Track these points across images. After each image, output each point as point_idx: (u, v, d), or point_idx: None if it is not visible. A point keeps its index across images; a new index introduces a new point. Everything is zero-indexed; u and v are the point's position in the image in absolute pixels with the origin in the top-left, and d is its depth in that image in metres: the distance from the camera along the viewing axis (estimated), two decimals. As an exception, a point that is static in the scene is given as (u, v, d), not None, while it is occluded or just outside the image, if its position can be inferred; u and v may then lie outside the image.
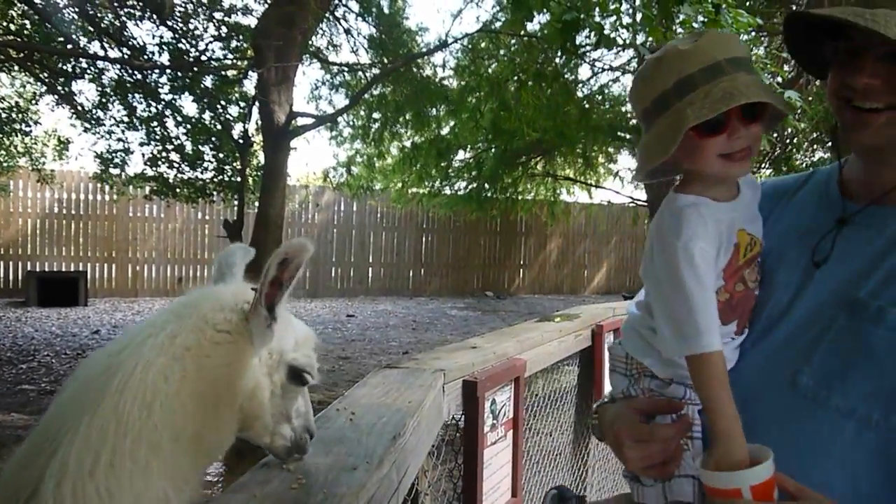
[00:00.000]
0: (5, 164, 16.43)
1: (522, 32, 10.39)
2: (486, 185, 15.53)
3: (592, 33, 8.75)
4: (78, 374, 1.51)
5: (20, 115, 14.16)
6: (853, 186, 1.58)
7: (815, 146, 11.85)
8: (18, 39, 12.24)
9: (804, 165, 11.60)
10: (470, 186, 16.18)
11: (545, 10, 8.55)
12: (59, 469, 1.29)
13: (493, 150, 14.48)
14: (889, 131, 1.40)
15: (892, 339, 1.33)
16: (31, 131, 15.14)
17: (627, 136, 14.55)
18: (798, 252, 1.59)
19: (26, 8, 12.22)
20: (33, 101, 15.40)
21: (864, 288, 1.41)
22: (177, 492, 1.42)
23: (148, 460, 1.36)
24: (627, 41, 11.44)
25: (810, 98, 9.62)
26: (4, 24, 13.05)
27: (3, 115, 13.73)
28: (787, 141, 9.33)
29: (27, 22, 12.94)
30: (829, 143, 10.43)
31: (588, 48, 10.31)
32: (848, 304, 1.42)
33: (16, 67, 14.00)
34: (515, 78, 12.56)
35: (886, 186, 1.48)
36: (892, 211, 1.47)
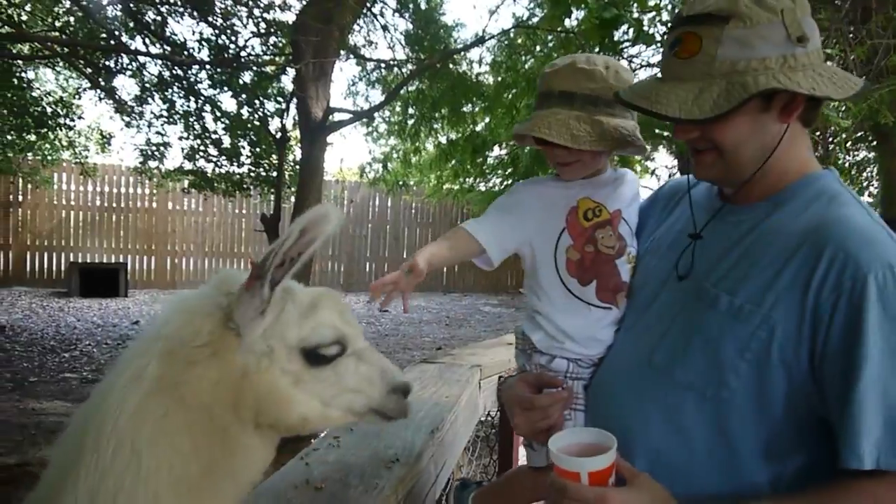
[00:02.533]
0: (50, 158, 16.78)
1: (560, 28, 10.30)
2: (521, 182, 15.47)
3: (631, 29, 8.67)
4: (69, 424, 1.40)
5: (64, 110, 14.43)
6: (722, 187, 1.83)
7: (858, 145, 11.56)
8: (63, 36, 12.47)
9: (848, 166, 11.33)
10: (505, 183, 16.11)
11: (583, 6, 8.49)
12: None
13: (528, 146, 14.41)
14: (718, 168, 1.67)
15: (723, 320, 1.57)
16: (74, 125, 15.43)
17: (665, 134, 14.36)
18: (677, 244, 1.84)
19: (70, 5, 12.47)
20: (77, 96, 15.71)
21: (710, 277, 1.66)
22: None
23: None
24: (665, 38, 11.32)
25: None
26: (50, 20, 13.33)
27: (49, 110, 14.00)
28: (831, 140, 9.13)
29: (71, 18, 13.20)
30: (874, 142, 10.19)
31: (626, 44, 10.19)
32: (696, 291, 1.67)
33: (60, 63, 14.29)
34: (552, 74, 12.48)
35: (741, 188, 1.73)
36: (748, 209, 1.71)
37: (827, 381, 1.46)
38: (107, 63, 13.11)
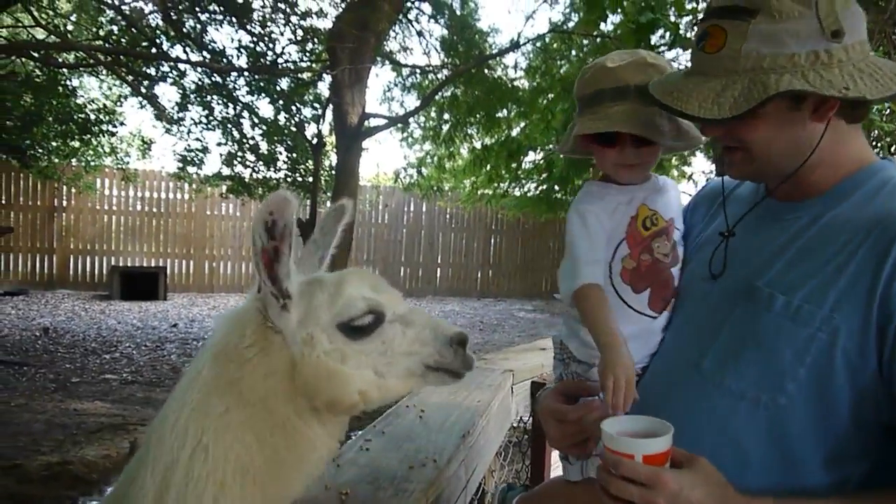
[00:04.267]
0: (93, 164, 17.17)
1: (595, 33, 10.27)
2: (556, 187, 15.37)
3: (668, 33, 8.58)
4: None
5: (107, 117, 14.77)
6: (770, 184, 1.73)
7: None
8: (106, 44, 12.78)
9: None
10: (540, 188, 16.06)
11: (619, 11, 8.43)
12: None
13: (568, 154, 14.32)
14: (748, 166, 1.60)
15: (779, 323, 1.47)
16: (116, 132, 15.78)
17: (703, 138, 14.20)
18: (710, 243, 1.77)
19: (114, 14, 12.76)
20: (119, 103, 16.05)
21: (763, 277, 1.56)
22: None
23: (216, 499, 1.34)
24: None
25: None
26: (94, 29, 13.66)
27: (92, 117, 14.34)
28: (874, 144, 8.94)
29: (114, 27, 13.52)
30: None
31: (663, 48, 10.11)
32: (748, 292, 1.57)
33: (103, 71, 14.63)
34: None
35: (786, 189, 1.64)
36: (802, 206, 1.61)
37: None
38: (148, 71, 13.40)
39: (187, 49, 13.20)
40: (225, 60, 12.66)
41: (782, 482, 1.46)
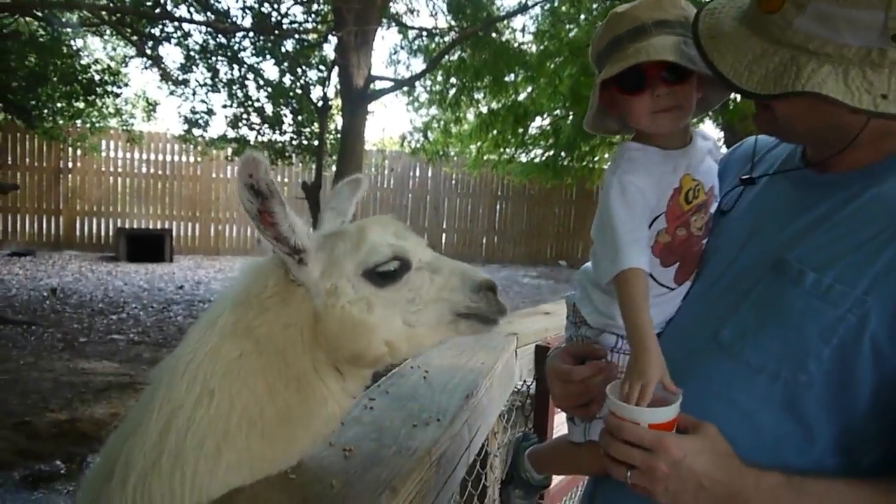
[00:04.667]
0: (98, 125, 17.12)
1: (605, -5, 10.12)
2: (563, 153, 15.28)
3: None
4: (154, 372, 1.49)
5: (111, 78, 14.68)
6: (811, 149, 1.62)
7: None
8: (110, 4, 12.64)
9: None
10: (546, 154, 15.96)
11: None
12: (125, 462, 1.34)
13: (571, 116, 14.23)
14: (772, 130, 1.52)
15: (808, 300, 1.39)
16: (121, 93, 15.71)
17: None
18: (747, 219, 1.66)
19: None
20: (123, 64, 15.97)
21: (794, 251, 1.47)
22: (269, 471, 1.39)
23: (219, 450, 1.33)
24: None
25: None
26: (98, -12, 13.51)
27: (96, 78, 14.25)
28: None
29: (119, -14, 13.38)
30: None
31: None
32: (776, 265, 1.48)
33: (108, 31, 14.51)
34: (596, 43, 12.25)
35: (824, 157, 1.52)
36: (839, 179, 1.51)
37: None
38: (152, 31, 13.27)
39: (192, 9, 13.07)
40: (229, 21, 12.53)
41: (792, 459, 1.41)
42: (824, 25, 1.30)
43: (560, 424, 3.29)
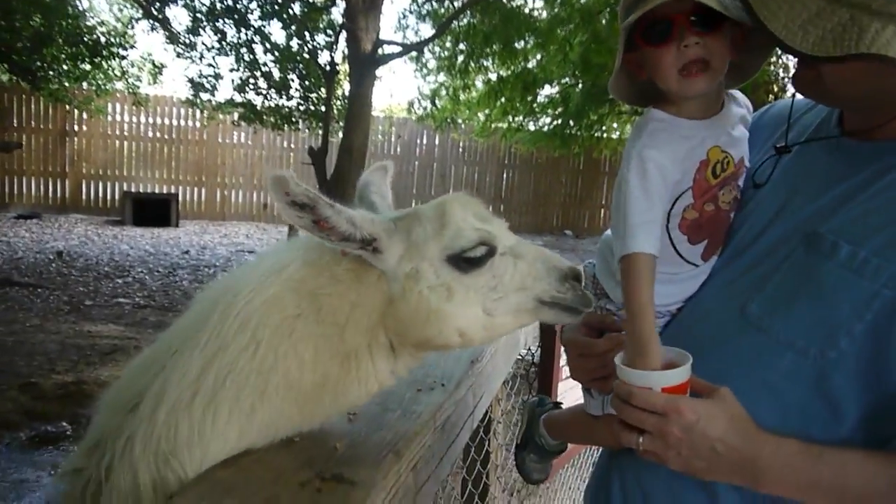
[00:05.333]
0: (104, 88, 17.04)
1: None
2: (571, 122, 15.14)
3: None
4: (200, 294, 1.44)
5: (117, 39, 14.56)
6: (849, 117, 1.54)
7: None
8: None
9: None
10: (554, 122, 15.83)
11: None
12: (158, 393, 1.30)
13: (580, 85, 14.08)
14: (816, 91, 1.44)
15: (841, 274, 1.34)
16: (127, 55, 15.58)
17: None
18: (778, 184, 1.59)
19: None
20: (130, 26, 15.79)
21: (828, 223, 1.41)
22: (283, 434, 1.36)
23: (253, 406, 1.30)
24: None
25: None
26: (103, -53, 13.32)
27: (102, 39, 14.14)
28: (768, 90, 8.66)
29: (124, -54, 13.21)
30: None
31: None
32: (808, 237, 1.42)
33: (113, -9, 14.37)
34: (608, 9, 12.10)
35: (869, 125, 1.44)
36: (872, 148, 1.44)
37: None
38: (158, -8, 13.13)
39: (198, -30, 12.90)
40: (237, -18, 12.38)
41: (819, 437, 1.36)
42: None
43: (564, 392, 3.29)
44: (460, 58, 14.06)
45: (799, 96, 1.58)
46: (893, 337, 1.30)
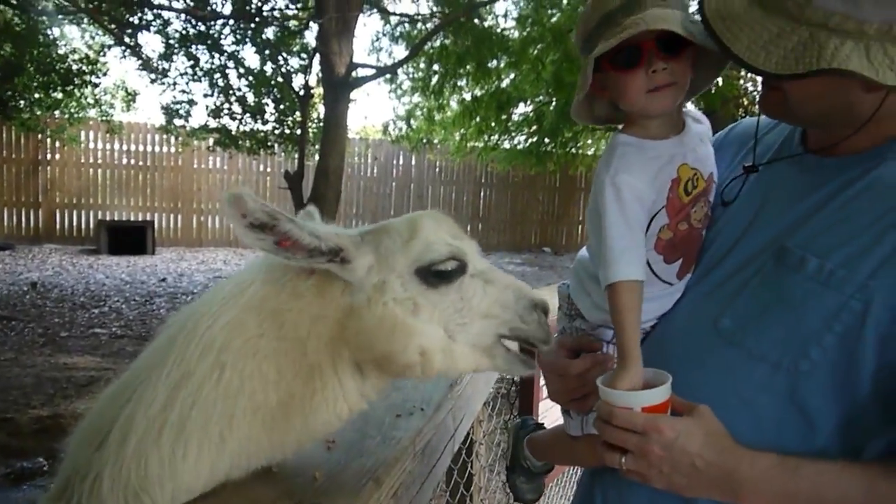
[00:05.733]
0: (76, 116, 16.92)
1: (587, -20, 10.09)
2: (546, 140, 15.26)
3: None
4: (167, 322, 1.41)
5: (90, 67, 14.48)
6: (811, 134, 1.59)
7: None
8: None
9: None
10: (529, 140, 15.94)
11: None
12: (124, 426, 1.26)
13: (554, 102, 14.20)
14: (782, 112, 1.47)
15: (810, 287, 1.37)
16: (100, 83, 15.50)
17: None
18: (746, 200, 1.62)
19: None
20: (102, 53, 15.73)
21: (795, 237, 1.45)
22: (255, 464, 1.33)
23: (222, 435, 1.27)
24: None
25: None
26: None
27: (74, 67, 14.05)
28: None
29: (95, -26, 13.17)
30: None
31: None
32: (776, 252, 1.46)
33: (85, 20, 14.29)
34: (579, 28, 12.20)
35: (831, 141, 1.48)
36: (838, 163, 1.48)
37: None
38: (131, 19, 13.08)
39: (170, -4, 12.90)
40: (209, 8, 12.38)
41: (794, 448, 1.39)
42: (845, 1, 1.27)
43: (545, 411, 3.29)
44: (434, 78, 14.14)
45: (764, 116, 1.64)
46: (862, 346, 1.32)
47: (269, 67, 13.28)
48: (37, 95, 14.52)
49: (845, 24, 1.26)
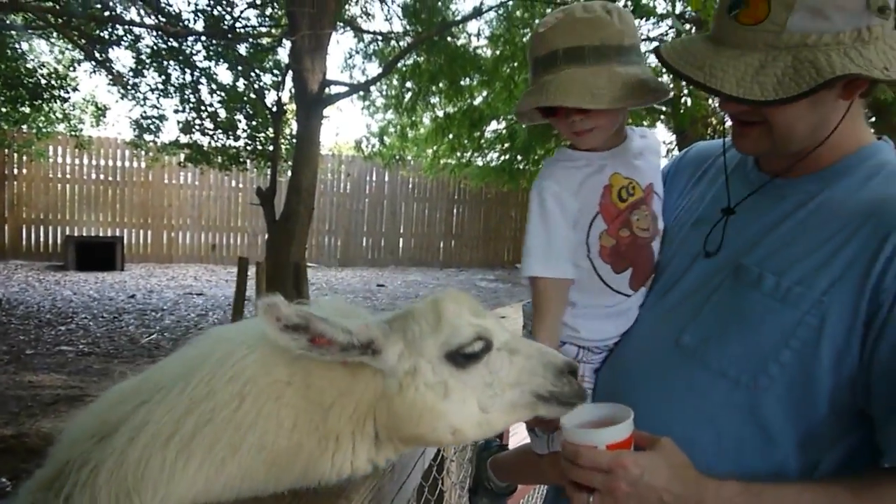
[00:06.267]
0: (44, 130, 16.70)
1: (559, 0, 10.21)
2: (519, 157, 15.37)
3: (629, 2, 8.57)
4: (195, 339, 1.43)
5: (59, 82, 14.31)
6: (764, 159, 1.66)
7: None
8: (57, 6, 12.33)
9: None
10: (502, 158, 16.04)
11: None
12: (138, 425, 1.28)
13: (531, 123, 14.30)
14: (764, 142, 1.50)
15: (766, 303, 1.42)
16: (69, 98, 15.32)
17: (663, 109, 14.31)
18: (707, 218, 1.68)
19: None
20: (71, 68, 15.57)
21: (752, 255, 1.50)
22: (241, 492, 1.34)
23: (224, 462, 1.29)
24: (665, 11, 11.20)
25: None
26: (43, -10, 13.16)
27: (43, 82, 13.88)
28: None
29: (65, -12, 13.05)
30: (872, 118, 10.15)
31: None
32: (734, 270, 1.51)
33: (54, 34, 14.15)
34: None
35: (784, 164, 1.56)
36: (793, 183, 1.55)
37: (879, 372, 1.32)
38: (101, 34, 12.97)
39: (142, 12, 12.81)
40: (181, 24, 12.32)
41: (754, 463, 1.43)
42: (818, 18, 1.32)
43: (515, 427, 3.30)
44: (407, 96, 14.22)
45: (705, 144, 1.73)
46: (819, 361, 1.37)
47: (241, 84, 13.23)
48: (3, 110, 14.32)
49: (823, 39, 1.33)
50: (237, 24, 12.88)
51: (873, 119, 10.26)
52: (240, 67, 12.91)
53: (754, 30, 1.37)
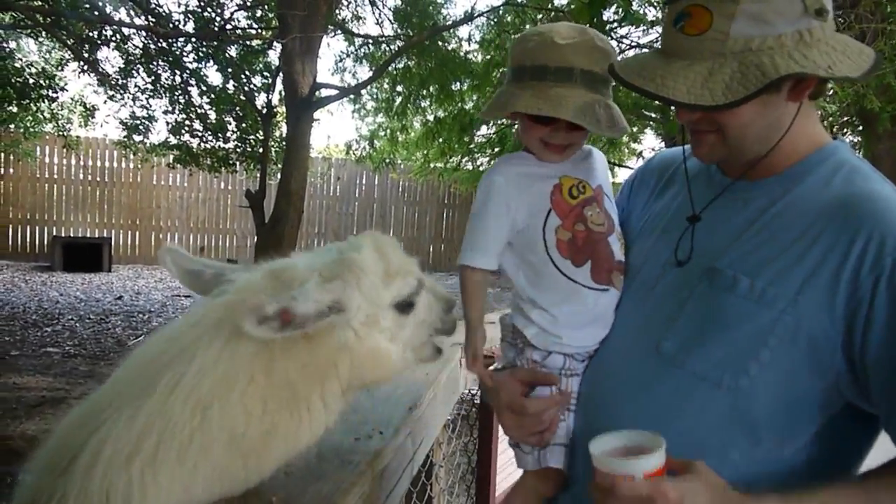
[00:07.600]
0: (32, 130, 16.57)
1: (549, 6, 10.23)
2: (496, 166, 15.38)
3: (620, 9, 8.61)
4: (136, 353, 1.40)
5: (47, 82, 14.21)
6: (724, 164, 1.71)
7: (845, 130, 11.63)
8: (46, 5, 12.25)
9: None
10: (492, 162, 16.05)
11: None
12: (95, 449, 1.24)
13: (516, 125, 14.32)
14: (719, 149, 1.55)
15: (743, 305, 1.45)
16: (57, 97, 15.21)
17: (652, 115, 14.36)
18: (674, 226, 1.71)
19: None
20: (60, 68, 15.46)
21: (725, 258, 1.53)
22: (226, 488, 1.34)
23: (196, 463, 1.27)
24: (656, 18, 11.24)
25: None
26: (32, -11, 13.07)
27: (31, 81, 13.78)
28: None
29: (54, -13, 12.97)
30: (860, 127, 10.23)
31: (615, 24, 10.14)
32: (709, 274, 1.53)
33: (43, 34, 14.05)
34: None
35: (748, 167, 1.61)
36: (757, 185, 1.59)
37: (872, 367, 1.34)
38: (90, 34, 12.90)
39: (131, 12, 12.75)
40: (171, 25, 12.27)
41: (738, 461, 1.44)
42: (759, 23, 1.37)
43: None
44: (398, 100, 14.20)
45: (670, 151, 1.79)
46: (797, 358, 1.40)
47: (231, 86, 13.18)
48: (-9, 109, 14.22)
49: (766, 43, 1.38)
50: (227, 26, 12.83)
51: (860, 128, 10.36)
52: (230, 69, 12.87)
53: (700, 39, 1.42)
